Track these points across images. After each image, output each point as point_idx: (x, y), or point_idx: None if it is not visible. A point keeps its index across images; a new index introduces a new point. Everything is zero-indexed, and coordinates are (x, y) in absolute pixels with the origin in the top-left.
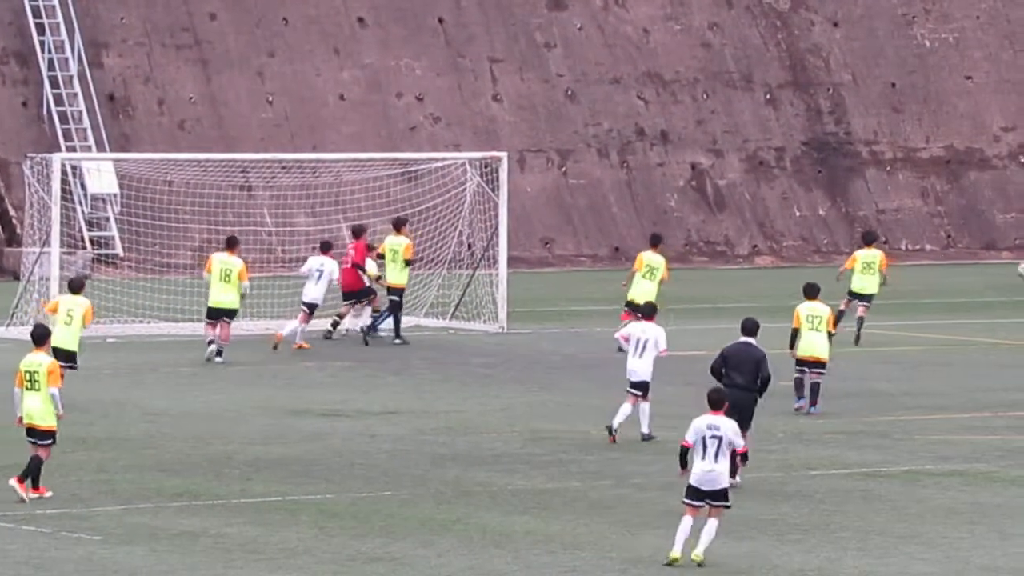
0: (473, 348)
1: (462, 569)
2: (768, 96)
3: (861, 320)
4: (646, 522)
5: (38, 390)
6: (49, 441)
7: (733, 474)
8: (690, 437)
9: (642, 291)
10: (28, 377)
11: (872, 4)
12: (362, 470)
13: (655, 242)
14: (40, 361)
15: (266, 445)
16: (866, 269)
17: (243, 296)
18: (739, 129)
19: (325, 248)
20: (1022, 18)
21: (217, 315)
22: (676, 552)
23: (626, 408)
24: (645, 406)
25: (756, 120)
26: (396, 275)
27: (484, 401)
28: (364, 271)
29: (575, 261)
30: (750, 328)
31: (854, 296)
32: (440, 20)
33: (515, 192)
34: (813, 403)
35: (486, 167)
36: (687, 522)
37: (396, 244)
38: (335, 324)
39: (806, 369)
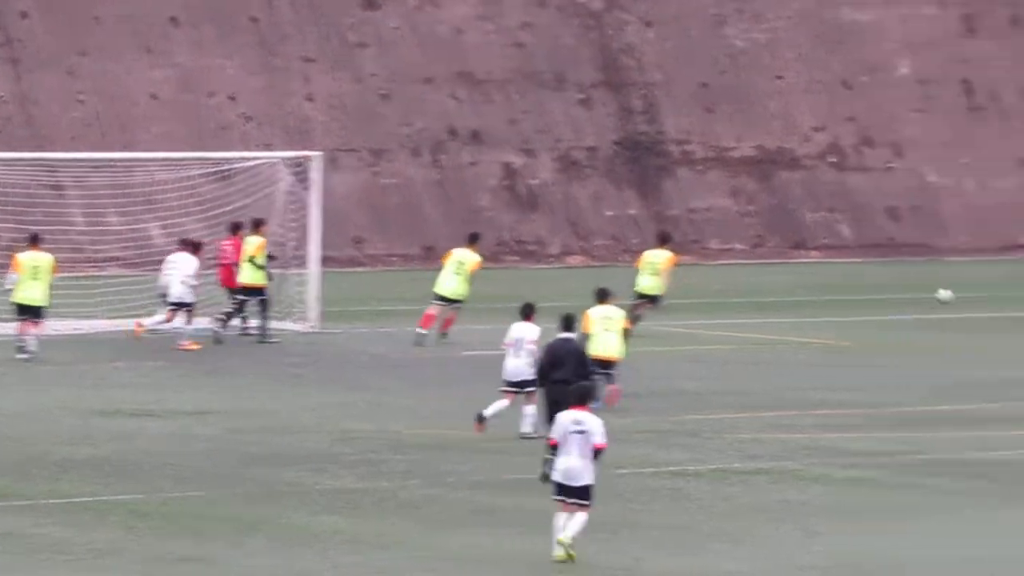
0: (285, 348)
1: (271, 569)
2: (580, 96)
3: (637, 316)
4: (456, 521)
5: None
6: None
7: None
8: (555, 434)
9: (449, 286)
10: None
11: (685, 4)
12: (172, 470)
13: (472, 240)
14: None
15: (74, 445)
16: (651, 269)
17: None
18: (551, 129)
19: (187, 245)
20: (834, 18)
21: (26, 312)
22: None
23: (502, 403)
24: (531, 408)
25: (568, 120)
26: (249, 274)
27: (295, 401)
28: (238, 267)
29: (386, 261)
30: (568, 323)
31: (639, 296)
32: (253, 19)
33: (327, 192)
34: (607, 399)
35: (298, 167)
36: (561, 518)
37: (249, 243)
38: (228, 316)
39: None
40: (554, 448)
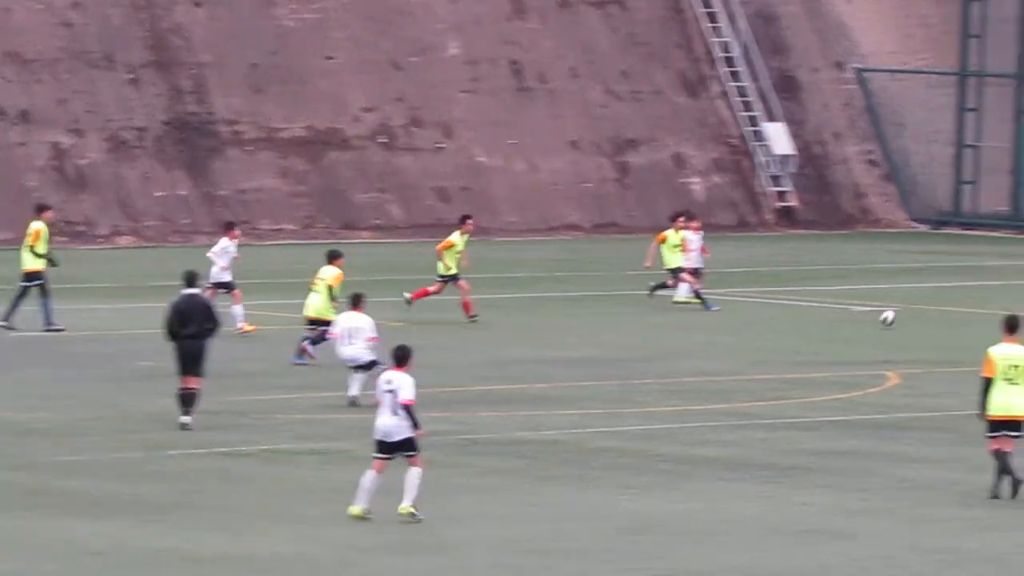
0: None
1: None
2: (130, 76)
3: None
4: (4, 504)
5: None
6: None
7: (415, 426)
8: (378, 394)
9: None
10: None
11: None
12: None
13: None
14: None
15: None
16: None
17: None
18: (101, 109)
19: None
20: None
21: None
22: (359, 507)
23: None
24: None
25: (118, 100)
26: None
27: None
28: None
29: None
30: (191, 279)
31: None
32: None
33: None
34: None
35: None
36: (370, 476)
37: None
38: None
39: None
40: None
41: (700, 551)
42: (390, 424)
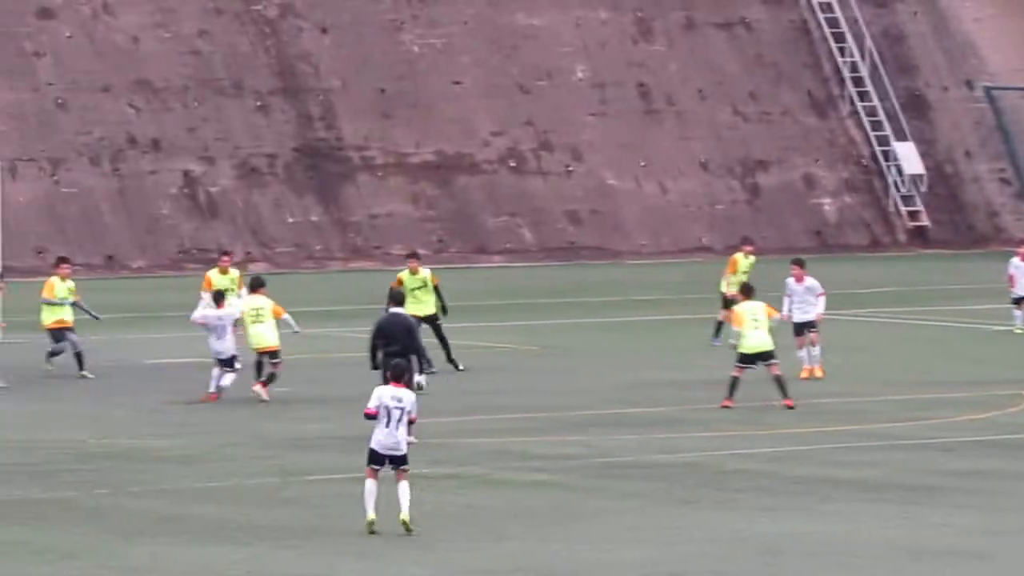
0: None
1: None
2: (259, 103)
3: None
4: (142, 530)
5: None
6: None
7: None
8: (372, 404)
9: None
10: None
11: (360, 10)
12: None
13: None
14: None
15: None
16: None
17: None
18: (230, 136)
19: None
20: (509, 23)
21: None
22: (371, 514)
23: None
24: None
25: (247, 127)
26: None
27: None
28: None
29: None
30: (399, 298)
31: None
32: None
33: (7, 202)
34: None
35: None
36: (371, 484)
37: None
38: None
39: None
40: (373, 417)
41: (840, 573)
42: (393, 438)
